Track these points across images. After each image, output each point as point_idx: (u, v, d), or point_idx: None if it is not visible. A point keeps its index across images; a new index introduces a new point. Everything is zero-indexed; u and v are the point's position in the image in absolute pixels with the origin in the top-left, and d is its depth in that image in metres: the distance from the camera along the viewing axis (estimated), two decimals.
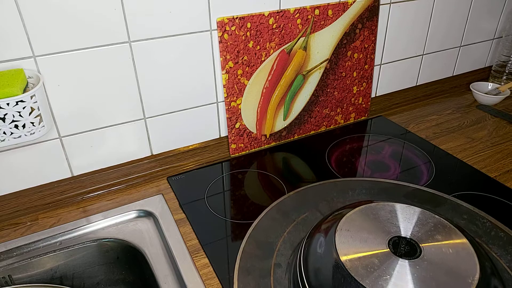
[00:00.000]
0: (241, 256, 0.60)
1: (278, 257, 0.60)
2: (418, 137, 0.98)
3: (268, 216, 0.68)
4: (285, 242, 0.63)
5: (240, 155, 0.92)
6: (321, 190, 0.75)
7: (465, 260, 0.46)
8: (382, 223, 0.51)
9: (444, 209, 0.69)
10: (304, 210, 0.69)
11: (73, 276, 0.71)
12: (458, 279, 0.44)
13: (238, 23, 0.78)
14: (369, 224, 0.51)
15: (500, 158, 0.89)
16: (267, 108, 0.90)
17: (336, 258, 0.47)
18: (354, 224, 0.52)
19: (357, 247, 0.48)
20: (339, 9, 0.88)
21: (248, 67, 0.83)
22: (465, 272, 0.45)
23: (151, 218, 0.74)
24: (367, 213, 0.53)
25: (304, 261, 0.53)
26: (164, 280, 0.61)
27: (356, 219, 0.52)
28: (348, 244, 0.48)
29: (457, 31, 1.13)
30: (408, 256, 0.47)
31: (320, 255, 0.51)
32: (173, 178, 0.83)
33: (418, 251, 0.48)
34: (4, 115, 0.60)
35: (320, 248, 0.51)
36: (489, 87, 1.17)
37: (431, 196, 0.73)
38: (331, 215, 0.58)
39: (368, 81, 1.02)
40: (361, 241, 0.49)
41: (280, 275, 0.57)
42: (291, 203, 0.71)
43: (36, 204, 0.75)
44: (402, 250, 0.48)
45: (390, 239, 0.49)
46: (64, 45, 0.67)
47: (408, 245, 0.49)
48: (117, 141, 0.79)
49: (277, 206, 0.70)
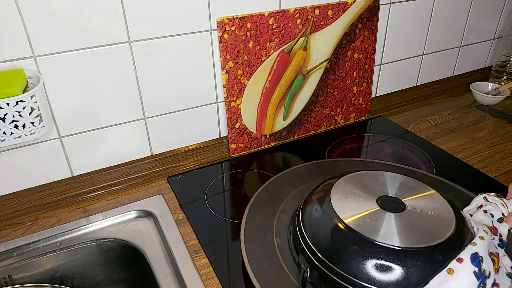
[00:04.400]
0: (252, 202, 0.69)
1: (285, 206, 0.69)
2: (418, 137, 0.98)
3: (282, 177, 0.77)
4: (295, 195, 0.71)
5: (240, 155, 0.92)
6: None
7: (443, 212, 0.55)
8: (370, 186, 0.60)
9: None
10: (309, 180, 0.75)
11: (73, 276, 0.71)
12: (438, 222, 0.53)
13: (238, 23, 0.78)
14: (359, 186, 0.60)
15: (500, 158, 0.89)
16: (267, 108, 0.90)
17: (331, 211, 0.56)
18: (348, 186, 0.61)
19: (350, 202, 0.57)
20: (339, 9, 0.88)
21: (248, 67, 0.83)
22: (444, 220, 0.53)
23: (151, 218, 0.74)
24: (357, 179, 0.62)
25: (302, 216, 0.60)
26: (164, 280, 0.61)
27: (347, 184, 0.61)
28: (343, 203, 0.57)
29: (457, 31, 1.13)
30: (395, 211, 0.55)
31: (317, 211, 0.58)
32: (173, 178, 0.83)
33: (402, 206, 0.56)
34: (4, 115, 0.60)
35: (316, 206, 0.59)
36: (489, 87, 1.17)
37: (433, 180, 0.75)
38: (328, 179, 0.64)
39: (368, 81, 1.02)
40: (353, 200, 0.57)
41: (283, 217, 0.66)
42: (307, 170, 0.79)
43: (36, 204, 0.75)
44: (389, 206, 0.56)
45: (378, 198, 0.57)
46: (64, 45, 0.67)
47: (393, 202, 0.56)
48: (117, 141, 0.79)
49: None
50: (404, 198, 0.58)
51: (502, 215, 0.60)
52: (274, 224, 0.65)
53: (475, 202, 0.63)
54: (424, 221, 0.53)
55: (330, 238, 0.54)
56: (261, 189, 0.72)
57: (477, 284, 0.47)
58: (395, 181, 0.61)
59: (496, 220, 0.59)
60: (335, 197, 0.57)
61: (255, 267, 0.56)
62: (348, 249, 0.51)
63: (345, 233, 0.52)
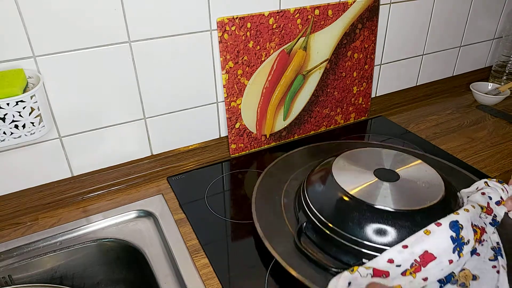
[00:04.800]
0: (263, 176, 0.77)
1: (297, 175, 0.77)
2: (418, 137, 0.98)
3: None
4: (309, 167, 0.75)
5: (240, 155, 0.92)
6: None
7: (434, 183, 0.62)
8: (368, 160, 0.68)
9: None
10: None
11: (73, 276, 0.71)
12: (428, 190, 0.60)
13: (238, 23, 0.78)
14: (358, 160, 0.68)
15: (500, 158, 0.89)
16: (267, 108, 0.90)
17: (331, 176, 0.64)
18: (347, 160, 0.69)
19: (350, 173, 0.65)
20: (339, 9, 0.88)
21: (248, 67, 0.83)
22: (434, 189, 0.61)
23: (151, 218, 0.74)
24: (355, 154, 0.70)
25: (307, 183, 0.68)
26: (164, 280, 0.61)
27: (347, 158, 0.69)
28: (342, 172, 0.65)
29: (457, 31, 1.13)
30: (390, 181, 0.62)
31: (319, 179, 0.67)
32: (173, 178, 0.83)
33: (396, 176, 0.63)
34: (4, 115, 0.60)
35: (320, 175, 0.67)
36: (489, 87, 1.17)
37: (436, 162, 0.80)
38: (332, 155, 0.71)
39: (368, 81, 1.02)
40: (352, 171, 0.65)
41: (294, 184, 0.74)
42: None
43: (36, 204, 0.75)
44: (385, 177, 0.63)
45: (375, 170, 0.65)
46: (64, 45, 0.67)
47: (389, 173, 0.64)
48: (117, 141, 0.79)
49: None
50: (397, 169, 0.65)
51: (501, 198, 0.63)
52: (284, 187, 0.74)
53: (475, 186, 0.66)
54: (415, 189, 0.61)
55: (327, 200, 0.62)
56: (280, 158, 0.83)
57: (452, 247, 0.51)
58: (389, 156, 0.69)
59: (494, 203, 0.62)
60: (335, 168, 0.66)
61: (260, 216, 0.66)
62: (342, 208, 0.60)
63: (334, 186, 0.62)
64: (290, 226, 0.65)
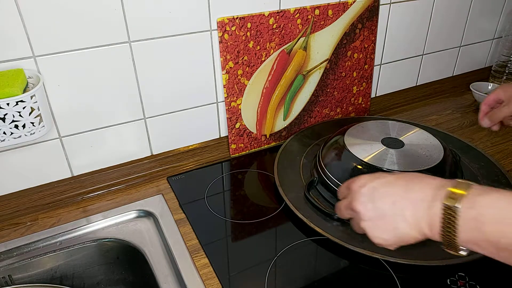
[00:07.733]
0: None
1: (321, 141, 0.89)
2: None
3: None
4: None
5: (240, 155, 0.92)
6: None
7: (434, 149, 0.73)
8: (375, 130, 0.79)
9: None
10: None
11: (73, 276, 0.71)
12: (431, 152, 0.72)
13: (238, 23, 0.78)
14: (367, 131, 0.79)
15: (500, 158, 0.89)
16: (267, 108, 0.90)
17: (343, 143, 0.76)
18: (357, 132, 0.79)
19: (362, 139, 0.76)
20: (339, 9, 0.88)
21: (248, 67, 0.83)
22: (434, 153, 0.72)
23: (151, 218, 0.74)
24: (365, 126, 0.81)
25: (323, 147, 0.80)
26: (164, 280, 0.61)
27: (357, 130, 0.80)
28: (353, 139, 0.77)
29: (457, 31, 1.13)
30: (396, 148, 0.73)
31: (333, 145, 0.78)
32: (173, 178, 0.83)
33: (401, 144, 0.74)
34: (4, 115, 0.60)
35: (334, 143, 0.79)
36: (489, 87, 1.17)
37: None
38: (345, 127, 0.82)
39: (368, 81, 1.02)
40: (364, 140, 0.76)
41: (315, 148, 0.87)
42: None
43: (36, 204, 0.75)
44: (391, 144, 0.74)
45: (383, 139, 0.75)
46: (64, 45, 0.67)
47: (395, 142, 0.75)
48: (117, 141, 0.79)
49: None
50: (401, 136, 0.76)
51: None
52: (306, 150, 0.88)
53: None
54: (418, 154, 0.72)
55: (339, 163, 0.74)
56: (309, 127, 0.97)
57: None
58: (394, 126, 0.80)
59: None
60: (348, 135, 0.77)
61: (280, 169, 0.81)
62: (345, 166, 0.73)
63: (346, 154, 0.73)
64: (304, 180, 0.78)
